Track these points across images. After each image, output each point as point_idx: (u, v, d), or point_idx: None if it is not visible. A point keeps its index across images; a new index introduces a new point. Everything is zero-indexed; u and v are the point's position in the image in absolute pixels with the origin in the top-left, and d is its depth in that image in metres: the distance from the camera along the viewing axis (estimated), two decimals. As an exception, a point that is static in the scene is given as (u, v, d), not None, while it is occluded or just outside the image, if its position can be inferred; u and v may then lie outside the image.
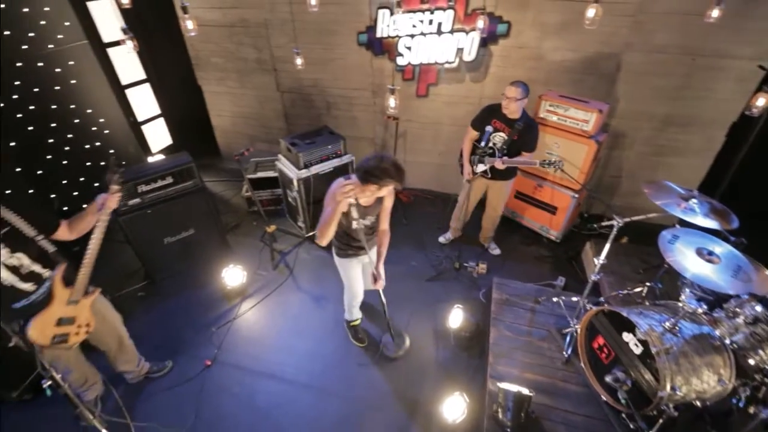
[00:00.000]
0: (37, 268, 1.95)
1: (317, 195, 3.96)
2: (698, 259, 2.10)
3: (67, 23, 3.67)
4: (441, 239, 4.13)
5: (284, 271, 3.77)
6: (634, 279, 3.20)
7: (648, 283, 2.83)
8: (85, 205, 2.06)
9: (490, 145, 3.20)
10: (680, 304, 2.22)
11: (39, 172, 3.48)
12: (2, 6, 3.17)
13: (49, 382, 1.53)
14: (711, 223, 2.24)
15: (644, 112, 3.71)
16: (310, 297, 3.49)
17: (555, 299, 2.99)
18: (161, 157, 4.87)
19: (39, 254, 1.96)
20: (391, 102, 2.89)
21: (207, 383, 2.77)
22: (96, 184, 3.81)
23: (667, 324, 2.11)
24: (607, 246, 2.41)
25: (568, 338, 2.68)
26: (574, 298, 2.89)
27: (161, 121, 5.13)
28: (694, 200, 2.33)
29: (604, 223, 2.53)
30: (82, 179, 3.87)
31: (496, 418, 2.32)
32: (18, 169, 3.32)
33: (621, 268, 3.38)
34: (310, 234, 4.17)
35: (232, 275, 3.46)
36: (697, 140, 3.69)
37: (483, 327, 3.07)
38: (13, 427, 2.55)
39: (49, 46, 3.52)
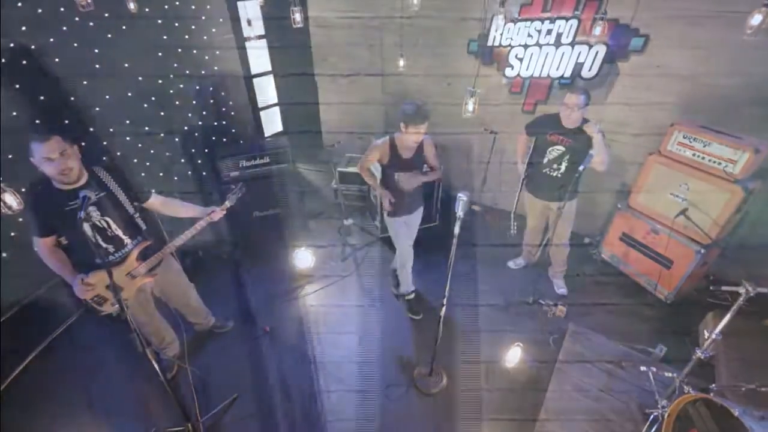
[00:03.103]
0: (120, 234, 2.13)
1: (397, 197, 3.95)
2: None
3: (221, 19, 4.35)
4: (510, 264, 3.76)
5: (351, 266, 3.83)
6: (772, 375, 2.43)
7: (791, 385, 2.10)
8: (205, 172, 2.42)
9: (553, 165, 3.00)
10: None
11: (176, 139, 4.18)
12: (177, 3, 3.91)
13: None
14: None
15: (830, 160, 2.80)
16: (368, 296, 3.48)
17: (643, 368, 2.42)
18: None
19: (126, 224, 2.15)
20: (470, 106, 2.65)
21: (255, 350, 2.96)
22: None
23: (804, 446, 1.52)
24: (727, 318, 1.84)
25: (650, 419, 2.14)
26: (669, 374, 2.30)
27: (276, 109, 5.73)
28: None
29: (726, 288, 1.94)
30: (206, 150, 4.53)
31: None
32: (161, 135, 4.03)
33: (757, 355, 2.58)
34: (384, 235, 4.17)
35: (304, 258, 3.64)
36: None
37: (543, 375, 2.65)
38: (93, 335, 3.03)
39: (204, 37, 4.21)
